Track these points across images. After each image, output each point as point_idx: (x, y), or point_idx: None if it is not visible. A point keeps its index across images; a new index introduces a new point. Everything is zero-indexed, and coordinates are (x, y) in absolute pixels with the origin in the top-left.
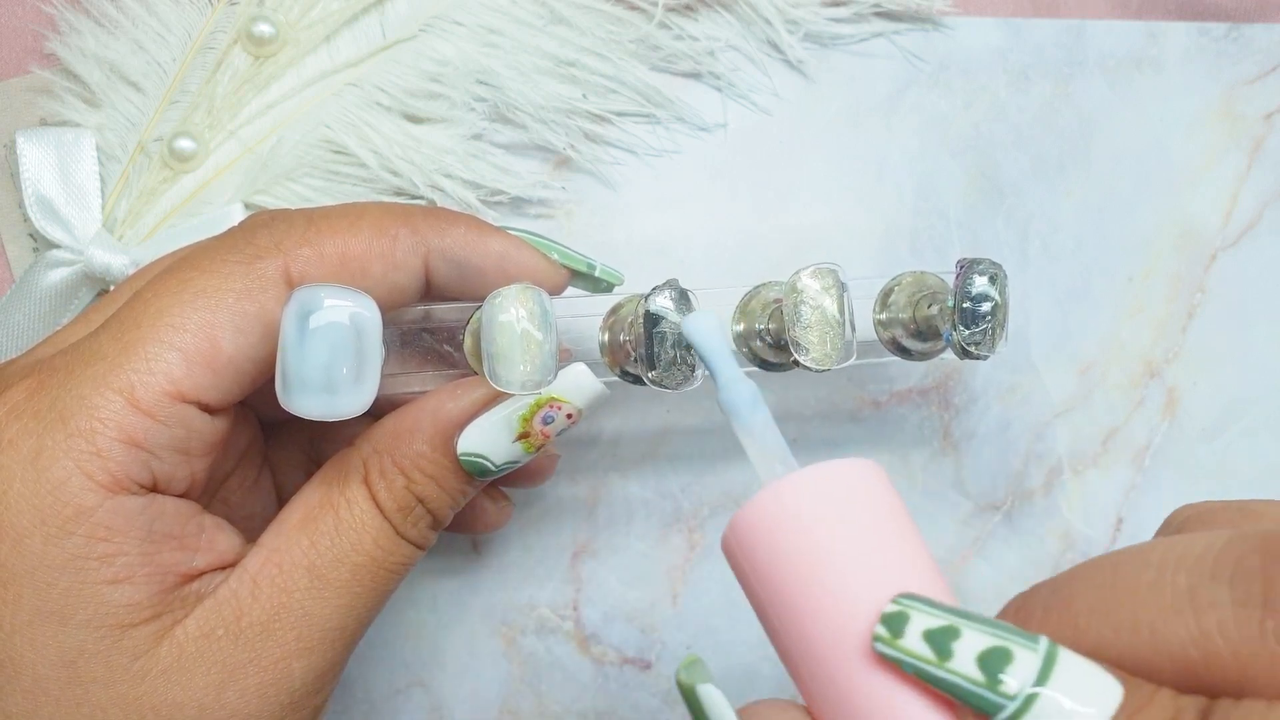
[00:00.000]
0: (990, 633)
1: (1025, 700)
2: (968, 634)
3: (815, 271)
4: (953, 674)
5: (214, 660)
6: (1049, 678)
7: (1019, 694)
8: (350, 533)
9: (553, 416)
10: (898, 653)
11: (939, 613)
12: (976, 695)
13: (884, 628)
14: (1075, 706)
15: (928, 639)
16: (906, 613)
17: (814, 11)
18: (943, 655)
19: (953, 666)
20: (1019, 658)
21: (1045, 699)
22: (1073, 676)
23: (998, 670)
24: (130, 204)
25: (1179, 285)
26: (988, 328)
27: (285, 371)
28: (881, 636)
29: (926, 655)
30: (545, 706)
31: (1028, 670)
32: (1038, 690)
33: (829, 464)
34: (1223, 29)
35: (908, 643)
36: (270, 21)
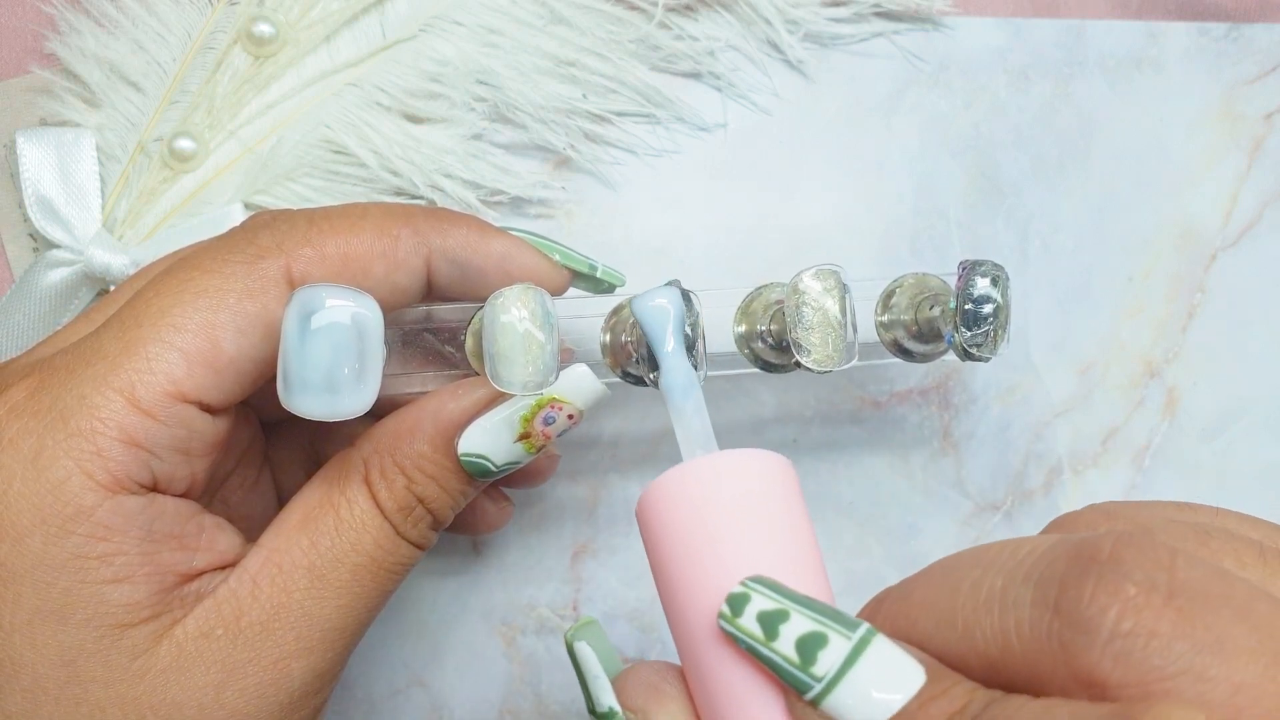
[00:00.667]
0: (814, 619)
1: (829, 682)
2: (795, 618)
3: (817, 273)
4: (775, 653)
5: (213, 660)
6: (855, 663)
7: (825, 676)
8: (350, 533)
9: (554, 417)
10: (734, 630)
11: (777, 597)
12: (791, 674)
13: (727, 606)
14: (877, 692)
15: (760, 620)
16: (748, 594)
17: (814, 11)
18: (770, 636)
19: (776, 647)
20: (832, 643)
21: (848, 682)
22: (879, 663)
23: (812, 653)
24: (130, 204)
25: (1179, 285)
26: (989, 329)
27: (286, 371)
28: (724, 614)
29: (757, 634)
30: (545, 706)
31: (838, 655)
32: (843, 674)
33: (736, 453)
34: (1223, 29)
35: (744, 622)
36: (270, 21)
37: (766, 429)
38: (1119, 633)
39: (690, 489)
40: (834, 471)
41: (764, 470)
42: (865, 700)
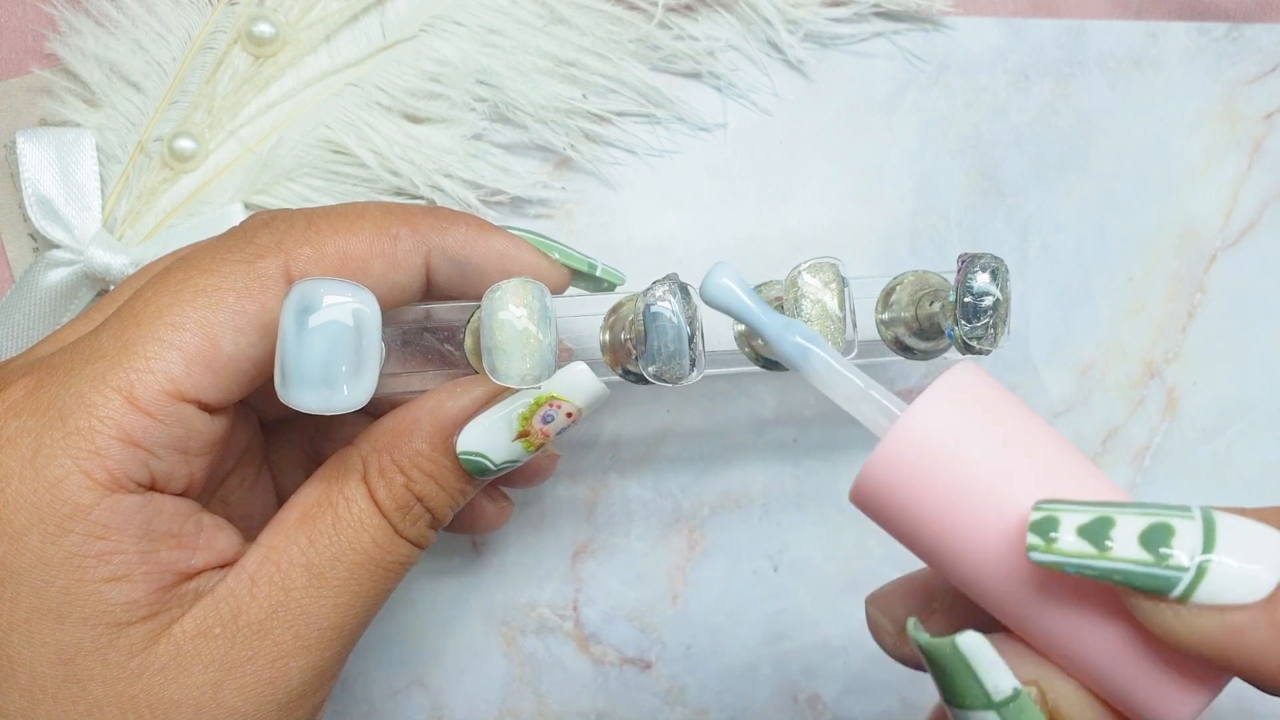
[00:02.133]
0: (1143, 513)
1: (1198, 569)
2: (1121, 520)
3: (815, 266)
4: (1118, 561)
5: (211, 658)
6: (1214, 542)
7: (1190, 565)
8: (349, 531)
9: (552, 415)
10: (1055, 556)
11: (1084, 507)
12: (1146, 576)
13: (1035, 535)
14: (1246, 565)
15: (1083, 534)
16: (1053, 516)
17: (814, 11)
18: (1102, 547)
19: (1116, 554)
20: (1180, 529)
21: (1217, 564)
22: (1237, 537)
23: (1162, 546)
24: (130, 204)
25: (1179, 285)
26: (989, 322)
27: (284, 365)
28: (1035, 545)
29: (1086, 550)
30: (545, 706)
31: (1192, 539)
32: (1208, 557)
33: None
34: (1223, 29)
35: (1063, 544)
36: (270, 21)
37: (766, 428)
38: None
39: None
40: (834, 471)
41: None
42: (1242, 576)
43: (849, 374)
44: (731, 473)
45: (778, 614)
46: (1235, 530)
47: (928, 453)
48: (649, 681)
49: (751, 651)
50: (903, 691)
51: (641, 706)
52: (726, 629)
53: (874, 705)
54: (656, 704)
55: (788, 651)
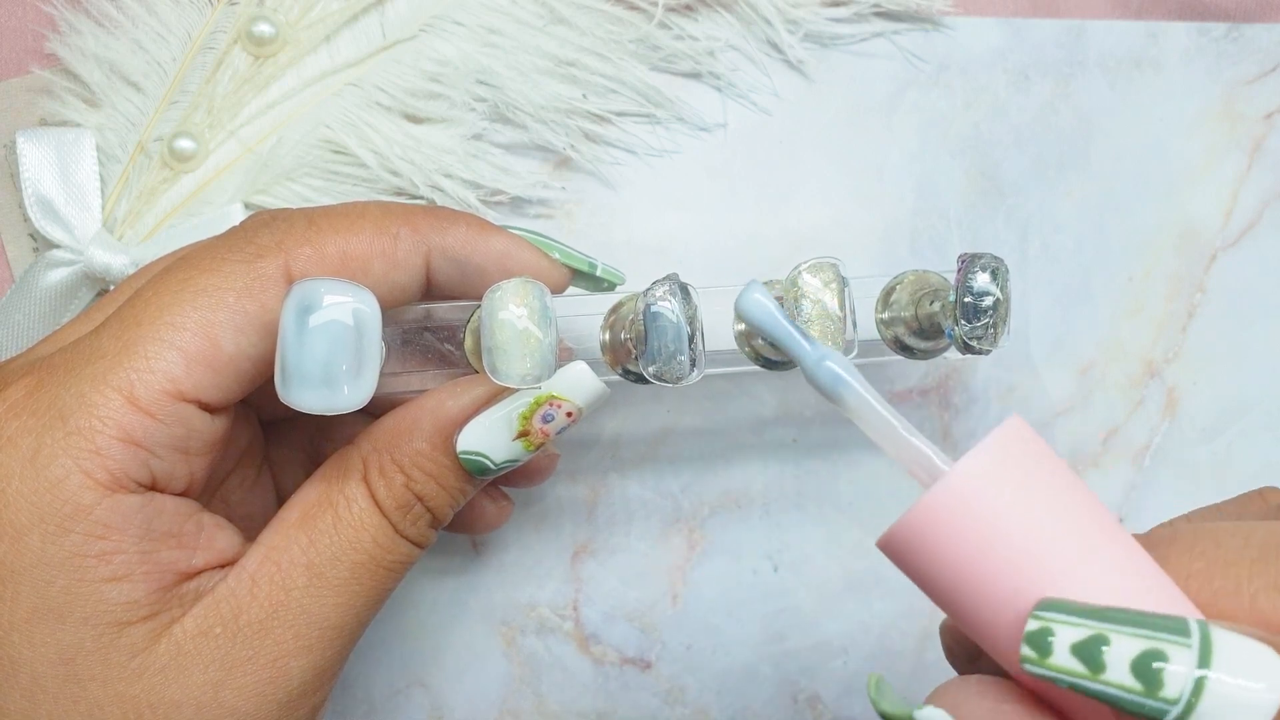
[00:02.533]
0: (1139, 634)
1: (1186, 703)
2: (1115, 641)
3: (815, 266)
4: (1109, 686)
5: (212, 658)
6: (1209, 668)
7: (1180, 696)
8: (349, 531)
9: (553, 415)
10: (1048, 671)
11: (1081, 620)
12: (1139, 705)
13: (1029, 648)
14: (1243, 687)
15: (1076, 653)
16: (1049, 628)
17: (814, 11)
18: (1095, 668)
19: (1107, 679)
20: (1174, 656)
21: (1210, 695)
22: (1232, 663)
23: (1154, 674)
24: (130, 204)
25: (1179, 285)
26: (989, 322)
27: (284, 365)
28: (1028, 658)
29: (1078, 670)
30: (545, 706)
31: (1186, 668)
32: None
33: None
34: (1223, 29)
35: (1057, 660)
36: (270, 21)
37: (767, 428)
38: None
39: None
40: (834, 471)
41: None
42: (1237, 707)
43: (882, 410)
44: (731, 473)
45: (778, 614)
46: (1229, 656)
47: (968, 516)
48: (649, 681)
49: (751, 651)
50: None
51: (641, 706)
52: (726, 629)
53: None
54: (656, 704)
55: (788, 651)
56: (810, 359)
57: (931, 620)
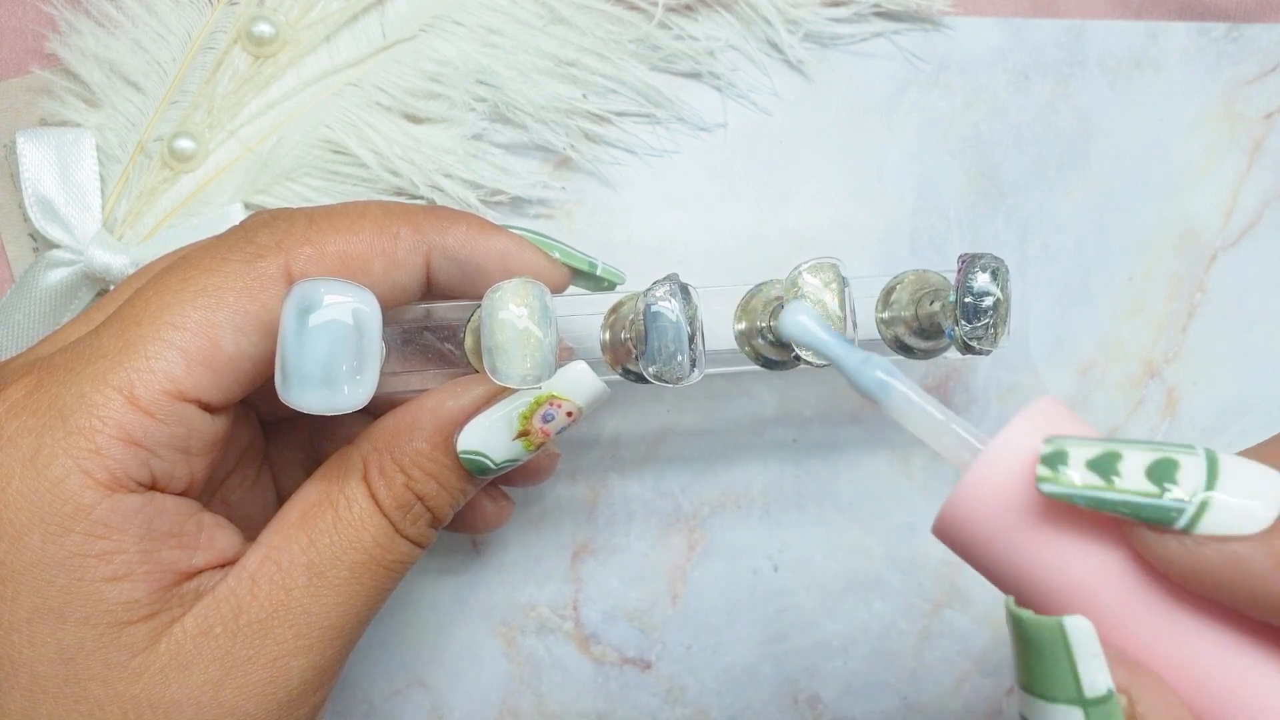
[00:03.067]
0: (1151, 448)
1: (1201, 504)
2: (1128, 454)
3: (815, 266)
4: (1125, 493)
5: (212, 658)
6: (1217, 478)
7: (1193, 497)
8: (349, 530)
9: (553, 414)
10: (1065, 488)
11: (1093, 442)
12: (1153, 508)
13: (1045, 467)
14: (1247, 500)
15: (1091, 467)
16: (1063, 449)
17: (814, 11)
18: (1109, 479)
19: (1123, 486)
20: (1185, 465)
21: (1219, 498)
22: (1238, 476)
23: (1167, 480)
24: (130, 204)
25: (1179, 285)
26: (989, 322)
27: (284, 365)
28: (1045, 477)
29: (1094, 482)
30: (545, 706)
31: (1196, 474)
32: (1211, 491)
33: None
34: (1223, 29)
35: (1072, 475)
36: (270, 21)
37: (766, 428)
38: None
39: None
40: (834, 472)
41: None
42: (1243, 508)
43: (929, 407)
44: (732, 472)
45: (778, 614)
46: (1237, 467)
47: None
48: (649, 681)
49: (751, 651)
50: (903, 691)
51: (641, 706)
52: (726, 629)
53: (874, 705)
54: (656, 704)
55: (788, 651)
56: (852, 365)
57: (931, 620)
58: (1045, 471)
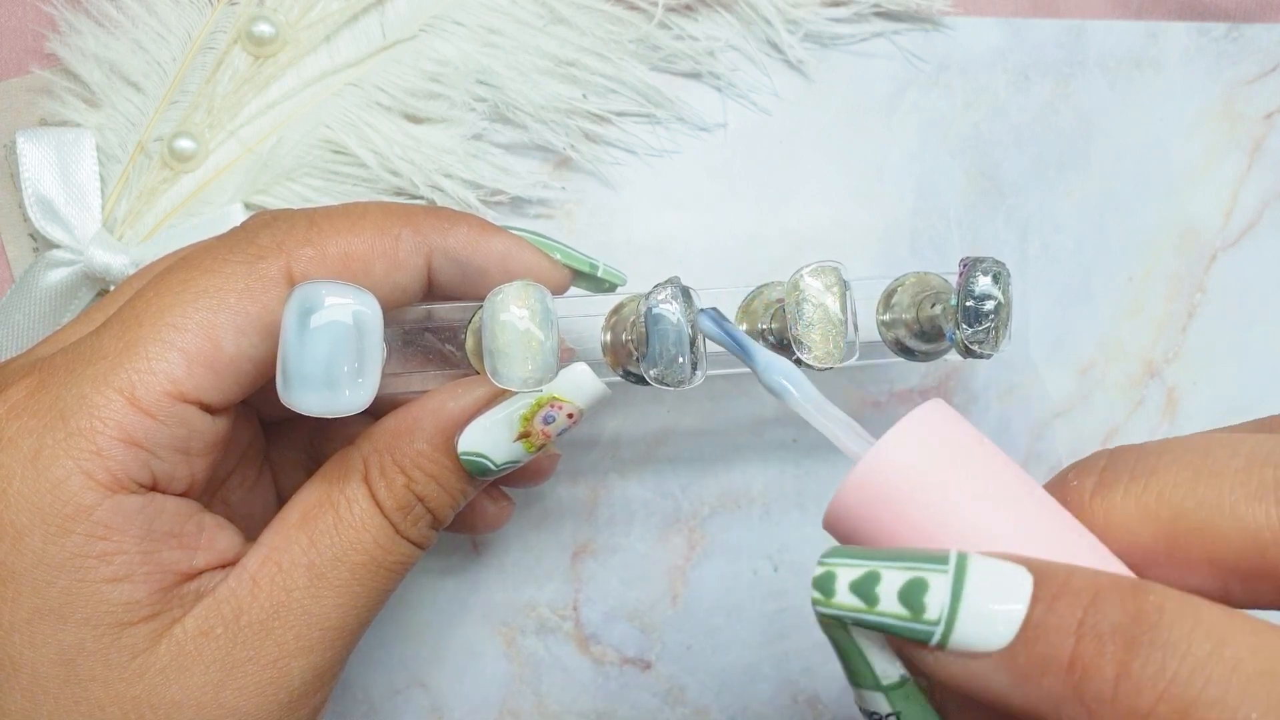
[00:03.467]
0: (904, 567)
1: (947, 621)
2: (886, 574)
3: (817, 270)
4: (883, 616)
5: (212, 658)
6: (963, 591)
7: (940, 616)
8: (350, 531)
9: (554, 416)
10: (833, 610)
11: (859, 562)
12: (907, 629)
13: (817, 591)
14: (989, 616)
15: (855, 590)
16: (833, 571)
17: (814, 11)
18: (871, 601)
19: (882, 610)
20: (933, 583)
21: (961, 620)
22: (985, 584)
23: (918, 600)
24: (130, 204)
25: (1179, 285)
26: (991, 326)
27: (286, 367)
28: (817, 599)
29: (858, 605)
30: (545, 706)
31: (942, 593)
32: (957, 607)
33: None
34: (1222, 29)
35: (840, 599)
36: (270, 21)
37: (767, 429)
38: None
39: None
40: (834, 472)
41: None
42: (987, 624)
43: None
44: (732, 473)
45: (778, 614)
46: (982, 577)
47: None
48: (649, 681)
49: (751, 651)
50: None
51: (641, 706)
52: (726, 629)
53: None
54: (656, 704)
55: (788, 651)
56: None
57: None
58: (817, 594)
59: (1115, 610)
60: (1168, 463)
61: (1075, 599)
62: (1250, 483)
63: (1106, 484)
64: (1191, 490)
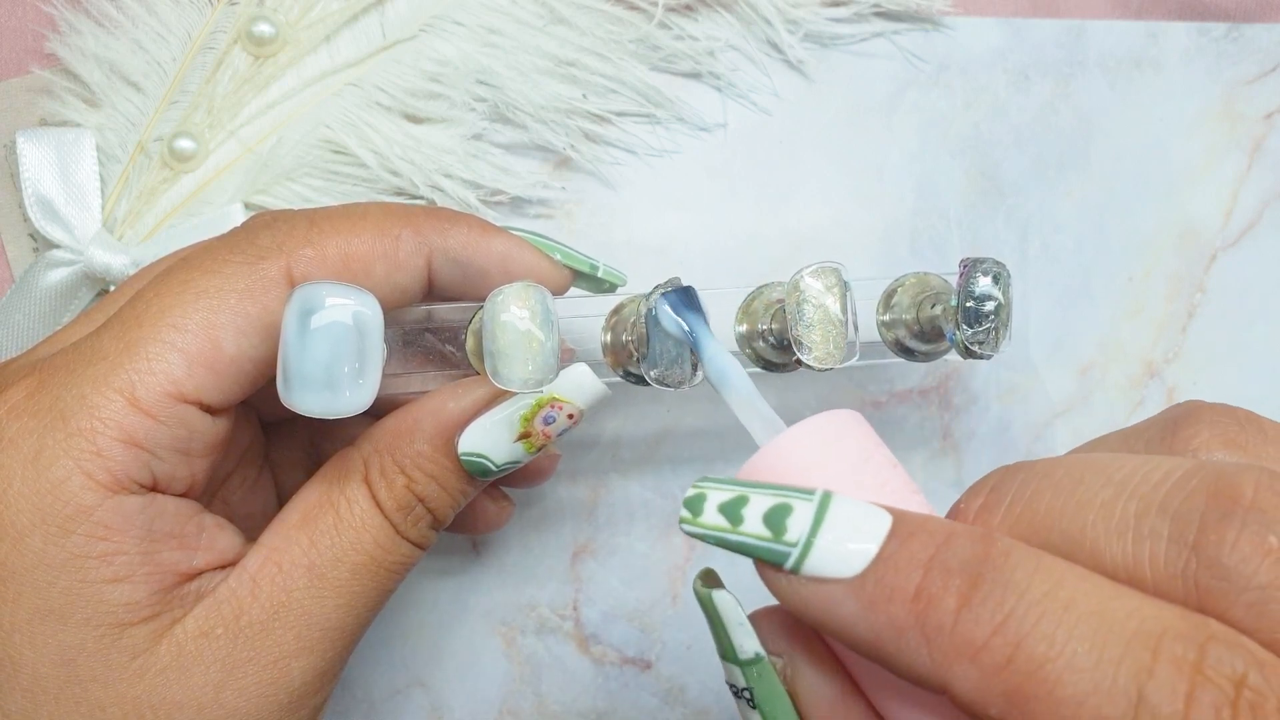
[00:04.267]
0: (773, 494)
1: (804, 545)
2: (755, 499)
3: (818, 270)
4: (745, 535)
5: (213, 659)
6: (823, 520)
7: (799, 539)
8: (350, 532)
9: (554, 417)
10: (698, 529)
11: (730, 486)
12: (766, 549)
13: (686, 509)
14: (845, 544)
15: (722, 510)
16: (703, 492)
17: (814, 11)
18: (735, 522)
19: (744, 530)
20: (797, 509)
21: (821, 539)
22: (846, 517)
23: (780, 523)
24: (130, 204)
25: (1179, 285)
26: (991, 327)
27: (286, 368)
28: (684, 518)
29: (722, 524)
30: (545, 707)
31: (805, 517)
32: (815, 532)
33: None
34: (1222, 29)
35: (706, 518)
36: (270, 21)
37: None
38: (1257, 584)
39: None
40: None
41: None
42: (842, 553)
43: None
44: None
45: None
46: (844, 511)
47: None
48: (649, 681)
49: None
50: None
51: (641, 706)
52: None
53: None
54: (656, 704)
55: None
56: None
57: None
58: (685, 513)
59: (965, 549)
60: (1045, 488)
61: (929, 538)
62: (1112, 516)
63: (989, 506)
64: (1058, 521)
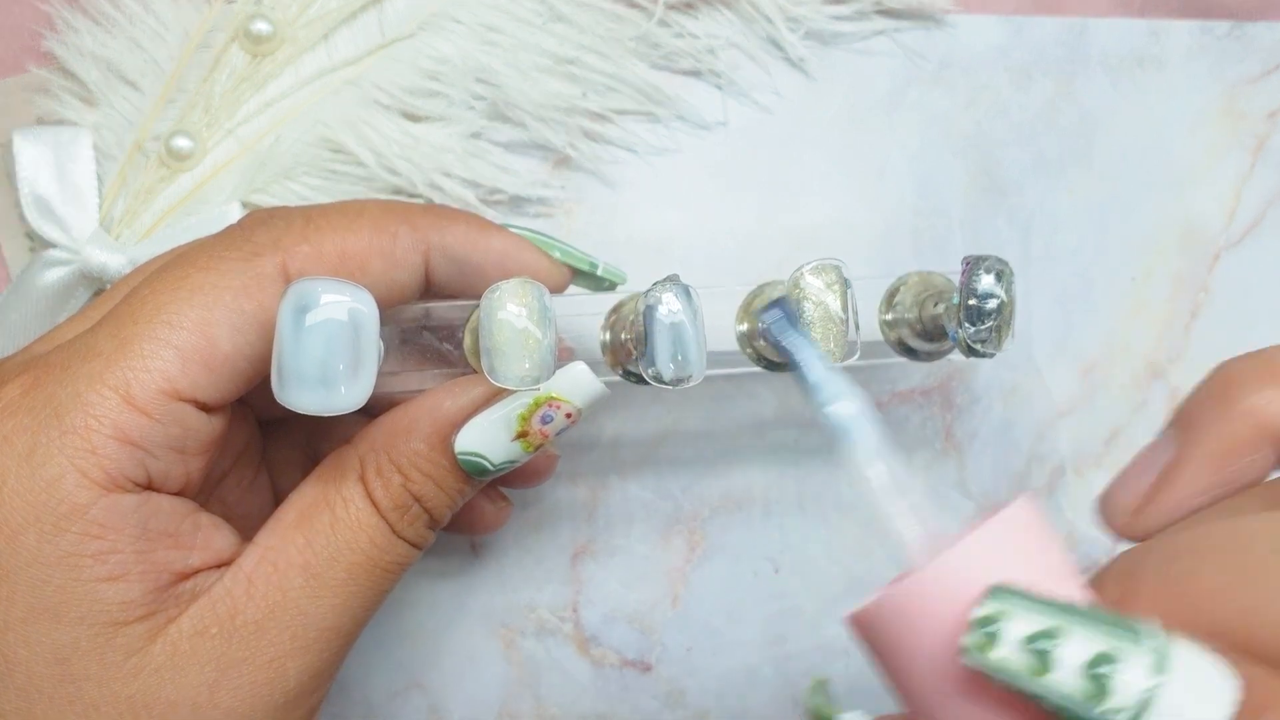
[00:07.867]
0: (1098, 632)
1: (1134, 715)
2: (1074, 634)
3: (818, 268)
4: (1056, 689)
5: (208, 658)
6: (1161, 683)
7: (1127, 707)
8: (346, 531)
9: (552, 416)
10: (990, 664)
11: (1042, 609)
12: (1083, 711)
13: (974, 635)
14: (1192, 711)
15: (1027, 645)
16: (1001, 612)
17: (815, 9)
18: (1043, 665)
19: (1057, 680)
20: (1127, 661)
21: (1157, 709)
22: (1188, 677)
23: (1105, 679)
24: (127, 203)
25: (1182, 285)
26: (994, 325)
27: (281, 365)
28: (970, 645)
29: (1024, 665)
30: (544, 709)
31: (1139, 676)
32: (1150, 701)
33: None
34: (1225, 27)
35: (1004, 652)
36: (268, 19)
37: (768, 429)
38: None
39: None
40: (835, 473)
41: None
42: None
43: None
44: (732, 474)
45: (778, 615)
46: (1187, 667)
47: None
48: (649, 683)
49: (752, 653)
50: None
51: (641, 709)
52: (727, 631)
53: (875, 707)
54: (656, 706)
55: (788, 653)
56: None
57: None
58: (974, 639)
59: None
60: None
61: None
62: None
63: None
64: (1232, 600)
